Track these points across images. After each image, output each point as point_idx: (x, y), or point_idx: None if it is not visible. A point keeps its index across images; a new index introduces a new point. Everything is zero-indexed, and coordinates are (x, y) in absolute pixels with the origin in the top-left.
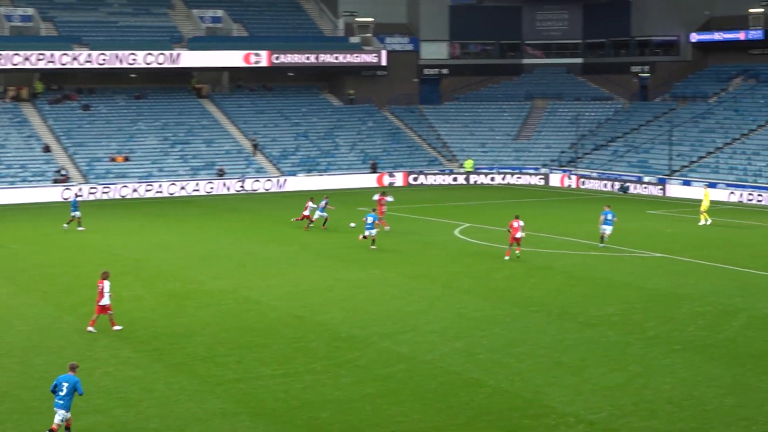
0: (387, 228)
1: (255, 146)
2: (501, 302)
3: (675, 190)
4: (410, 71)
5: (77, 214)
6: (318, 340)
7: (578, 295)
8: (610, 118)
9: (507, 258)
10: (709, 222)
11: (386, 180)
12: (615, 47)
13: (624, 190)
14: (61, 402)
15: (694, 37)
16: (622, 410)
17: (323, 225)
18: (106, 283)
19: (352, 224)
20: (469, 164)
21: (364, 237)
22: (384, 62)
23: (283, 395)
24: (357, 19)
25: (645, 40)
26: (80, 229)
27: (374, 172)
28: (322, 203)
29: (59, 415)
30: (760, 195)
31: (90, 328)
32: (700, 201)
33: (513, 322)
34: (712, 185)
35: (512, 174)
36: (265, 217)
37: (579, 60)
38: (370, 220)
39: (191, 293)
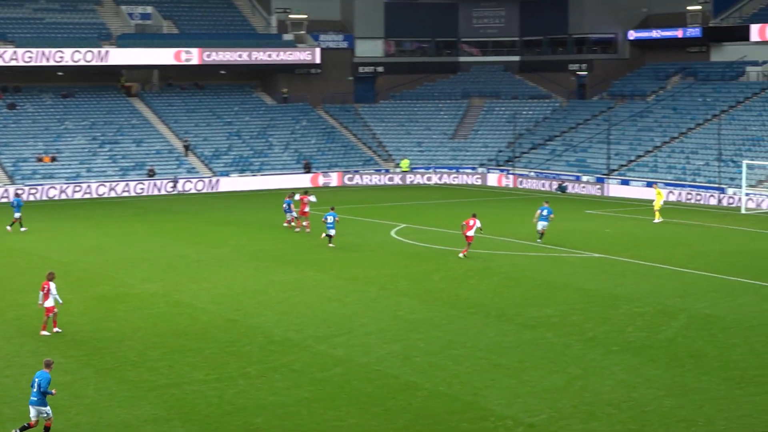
0: (308, 230)
1: (186, 147)
2: (438, 304)
3: (614, 189)
4: (345, 69)
5: (18, 215)
6: (252, 344)
7: (516, 296)
8: (547, 116)
9: (461, 256)
10: (660, 220)
11: (321, 180)
12: (552, 45)
13: (562, 189)
14: (34, 399)
15: (632, 34)
16: (561, 412)
17: (300, 223)
18: (52, 285)
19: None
20: (405, 164)
21: (329, 236)
22: (318, 60)
23: (217, 400)
24: (290, 16)
25: (582, 37)
26: (22, 230)
27: (308, 172)
28: (287, 203)
29: (33, 410)
30: (699, 194)
31: (43, 332)
32: (645, 200)
33: (450, 324)
34: (649, 184)
35: (449, 174)
36: (197, 219)
37: (516, 58)
38: (330, 219)
39: (121, 297)
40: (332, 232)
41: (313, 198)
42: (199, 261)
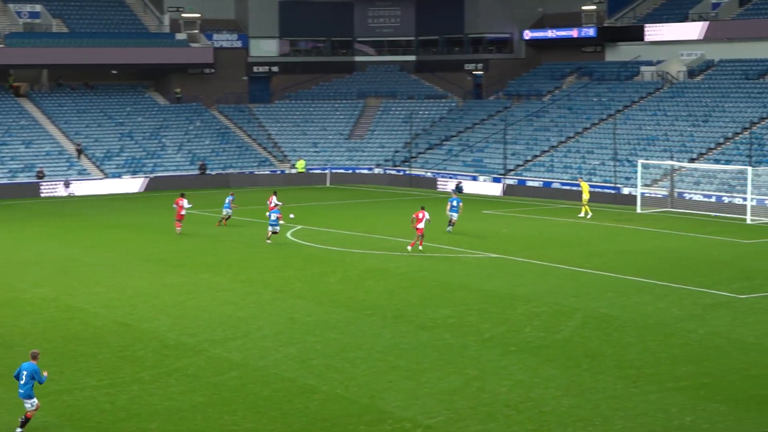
0: (178, 230)
1: (80, 151)
2: (335, 306)
3: (510, 189)
4: (239, 69)
5: None
6: (145, 349)
7: (413, 297)
8: (444, 116)
9: (409, 249)
10: (590, 215)
11: (216, 182)
12: (448, 44)
13: (459, 189)
14: (22, 391)
15: (528, 34)
16: (459, 414)
17: (224, 222)
18: None
19: (291, 215)
20: (301, 165)
21: (275, 233)
22: (211, 60)
23: (110, 407)
24: (183, 15)
25: (478, 37)
26: None
27: (203, 173)
28: (228, 199)
29: (27, 403)
30: (594, 193)
31: None
32: (533, 200)
33: (347, 326)
34: (547, 184)
35: (346, 174)
36: (89, 222)
37: (412, 58)
38: (273, 216)
39: (10, 302)
40: (277, 228)
41: (187, 203)
42: (91, 264)
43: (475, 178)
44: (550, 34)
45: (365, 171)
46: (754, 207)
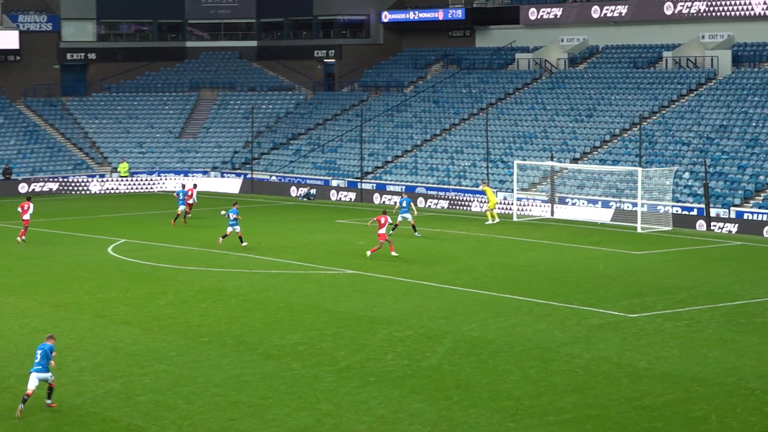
0: (21, 238)
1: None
2: (165, 333)
3: (368, 195)
4: (50, 56)
5: None
6: None
7: (257, 321)
8: (291, 111)
9: (368, 254)
10: (496, 221)
11: (22, 188)
12: (295, 28)
13: (309, 196)
14: (39, 367)
15: (386, 16)
16: None
17: (183, 219)
18: None
19: (222, 212)
20: (123, 168)
21: (240, 237)
22: (17, 45)
23: None
24: None
25: (330, 20)
26: None
27: (7, 178)
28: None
29: (35, 380)
30: (468, 199)
31: None
32: (393, 206)
33: (180, 356)
34: (410, 188)
35: (176, 179)
36: None
37: (253, 43)
38: (232, 216)
39: None
40: (237, 228)
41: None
42: None
43: (327, 182)
44: (412, 16)
45: (200, 175)
46: (645, 213)
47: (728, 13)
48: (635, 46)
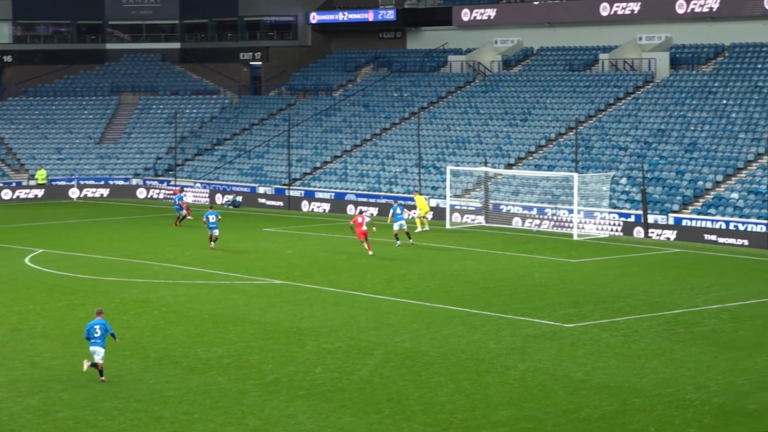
0: None
1: None
2: (85, 346)
3: (296, 202)
4: None
5: None
6: None
7: (181, 333)
8: (216, 115)
9: (371, 253)
10: (426, 228)
11: None
12: (220, 30)
13: (235, 203)
14: (99, 341)
15: (314, 17)
16: None
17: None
18: None
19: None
20: (41, 175)
21: (215, 239)
22: None
23: None
24: None
25: (256, 21)
26: None
27: None
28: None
29: (99, 354)
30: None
31: None
32: (323, 215)
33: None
34: (339, 195)
35: (97, 186)
36: None
37: (176, 45)
38: (212, 218)
39: None
40: (216, 232)
41: None
42: None
43: (253, 189)
44: (341, 17)
45: (121, 182)
46: (581, 220)
47: (665, 15)
48: (571, 48)
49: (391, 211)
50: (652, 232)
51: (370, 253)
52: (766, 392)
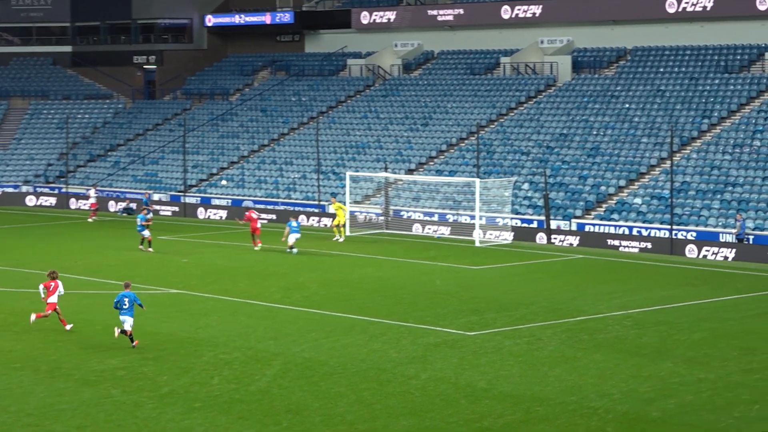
0: None
1: None
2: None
3: (192, 209)
4: None
5: None
6: None
7: (73, 345)
8: (109, 120)
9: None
10: (342, 239)
11: None
12: (113, 33)
13: (128, 211)
14: (127, 311)
15: (210, 20)
16: None
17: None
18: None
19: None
20: None
21: (149, 241)
22: None
23: None
24: None
25: (150, 23)
26: None
27: None
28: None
29: (128, 323)
30: (298, 212)
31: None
32: (219, 223)
33: None
34: (236, 202)
35: None
36: None
37: (68, 48)
38: (139, 222)
39: None
40: (146, 233)
41: None
42: None
43: (149, 197)
44: (238, 19)
45: (10, 189)
46: (483, 226)
47: (567, 18)
48: (472, 51)
49: (288, 227)
50: (555, 238)
51: (257, 248)
52: (670, 399)
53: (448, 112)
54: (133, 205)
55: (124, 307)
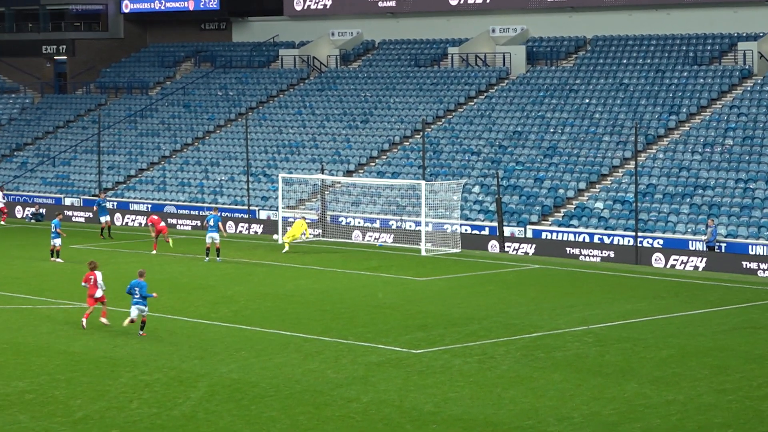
0: None
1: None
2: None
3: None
4: None
5: None
6: None
7: None
8: (15, 117)
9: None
10: (286, 249)
11: None
12: (19, 20)
13: (38, 217)
14: (139, 300)
15: (127, 5)
16: None
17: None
18: (98, 274)
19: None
20: None
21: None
22: None
23: None
24: None
25: (60, 10)
26: None
27: None
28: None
29: (136, 310)
30: (224, 217)
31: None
32: (137, 230)
33: None
34: (157, 207)
35: None
36: None
37: None
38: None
39: None
40: (57, 241)
41: None
42: None
43: (59, 201)
44: (158, 5)
45: None
46: (429, 233)
47: (521, 4)
48: (417, 41)
49: (206, 221)
50: (509, 246)
51: (153, 252)
52: (636, 423)
53: (390, 107)
54: (43, 211)
55: (135, 296)
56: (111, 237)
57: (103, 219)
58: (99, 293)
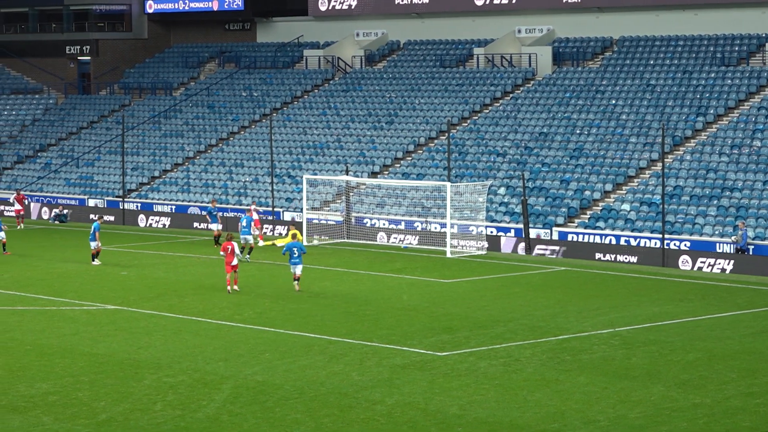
0: None
1: None
2: None
3: (132, 216)
4: None
5: None
6: None
7: (0, 367)
8: (39, 118)
9: (230, 289)
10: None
11: None
12: (43, 20)
13: (62, 218)
14: (297, 260)
15: (151, 6)
16: None
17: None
18: (235, 245)
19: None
20: None
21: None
22: None
23: None
24: None
25: (84, 10)
26: None
27: None
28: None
29: (299, 268)
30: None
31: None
32: (163, 231)
33: None
34: (181, 209)
35: None
36: None
37: None
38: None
39: None
40: (93, 244)
41: None
42: None
43: (82, 202)
44: (182, 5)
45: None
46: (455, 235)
47: (547, 4)
48: (442, 41)
49: (239, 224)
50: (535, 249)
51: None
52: (662, 427)
53: (415, 108)
54: (67, 213)
55: (293, 256)
56: (219, 244)
57: (214, 227)
58: (235, 261)
